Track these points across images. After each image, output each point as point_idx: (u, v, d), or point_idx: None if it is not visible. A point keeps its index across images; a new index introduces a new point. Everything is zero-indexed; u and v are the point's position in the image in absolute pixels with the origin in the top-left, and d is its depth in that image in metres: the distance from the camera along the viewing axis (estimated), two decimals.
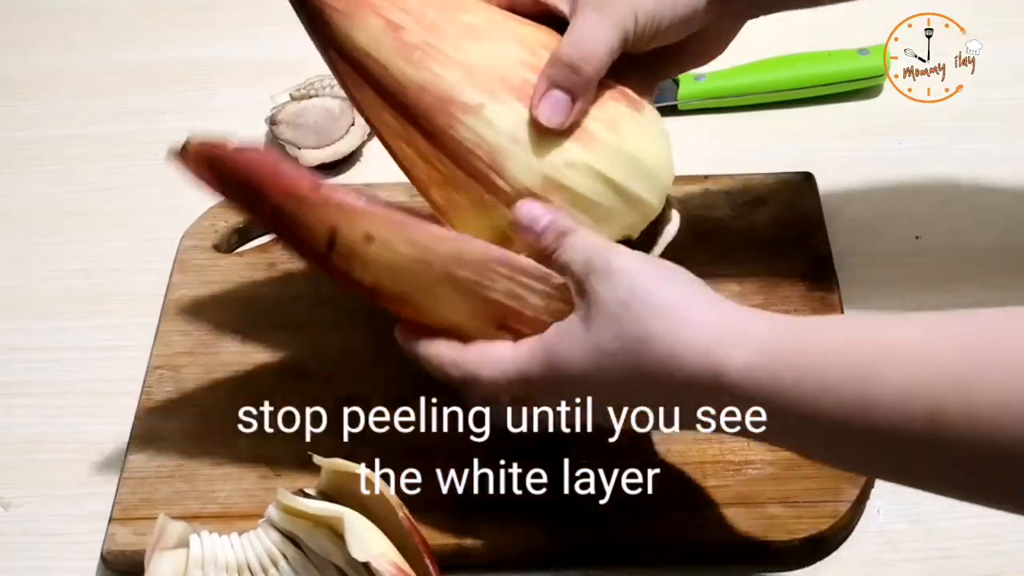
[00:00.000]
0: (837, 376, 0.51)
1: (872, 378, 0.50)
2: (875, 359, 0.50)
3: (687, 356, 0.53)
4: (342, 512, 0.56)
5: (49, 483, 0.69)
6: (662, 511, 0.64)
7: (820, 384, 0.51)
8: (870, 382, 0.50)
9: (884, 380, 0.49)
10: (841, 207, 0.79)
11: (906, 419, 0.49)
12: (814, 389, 0.51)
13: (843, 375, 0.51)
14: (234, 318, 0.74)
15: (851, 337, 0.52)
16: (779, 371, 0.52)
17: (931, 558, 0.63)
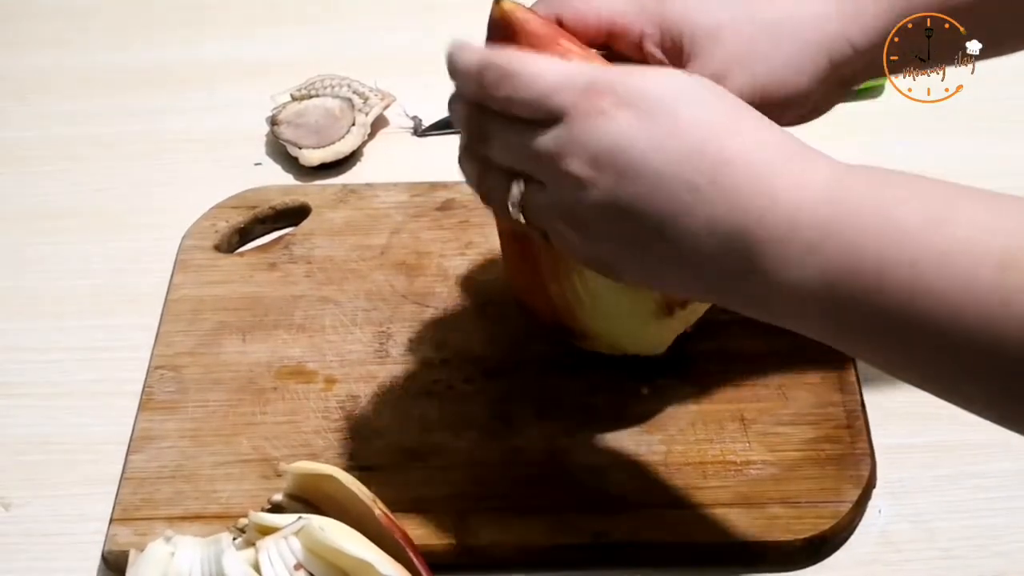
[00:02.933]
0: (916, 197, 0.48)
1: (951, 205, 0.48)
2: (951, 193, 0.48)
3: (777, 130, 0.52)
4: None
5: (50, 483, 0.69)
6: (662, 511, 0.64)
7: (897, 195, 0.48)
8: (949, 208, 0.47)
9: (961, 210, 0.47)
10: None
11: (982, 254, 0.46)
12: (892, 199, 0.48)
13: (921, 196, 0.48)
14: (235, 318, 0.74)
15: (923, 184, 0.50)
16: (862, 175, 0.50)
17: (932, 558, 0.63)
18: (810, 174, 0.50)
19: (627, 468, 0.66)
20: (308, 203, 0.81)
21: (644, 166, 0.51)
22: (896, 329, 0.48)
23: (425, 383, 0.70)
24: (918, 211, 0.48)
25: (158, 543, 0.56)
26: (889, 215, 0.48)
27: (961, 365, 0.48)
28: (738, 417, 0.68)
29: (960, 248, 0.47)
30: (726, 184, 0.50)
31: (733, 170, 0.50)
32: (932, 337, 0.48)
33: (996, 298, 0.46)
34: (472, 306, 0.74)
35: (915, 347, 0.49)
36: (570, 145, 0.52)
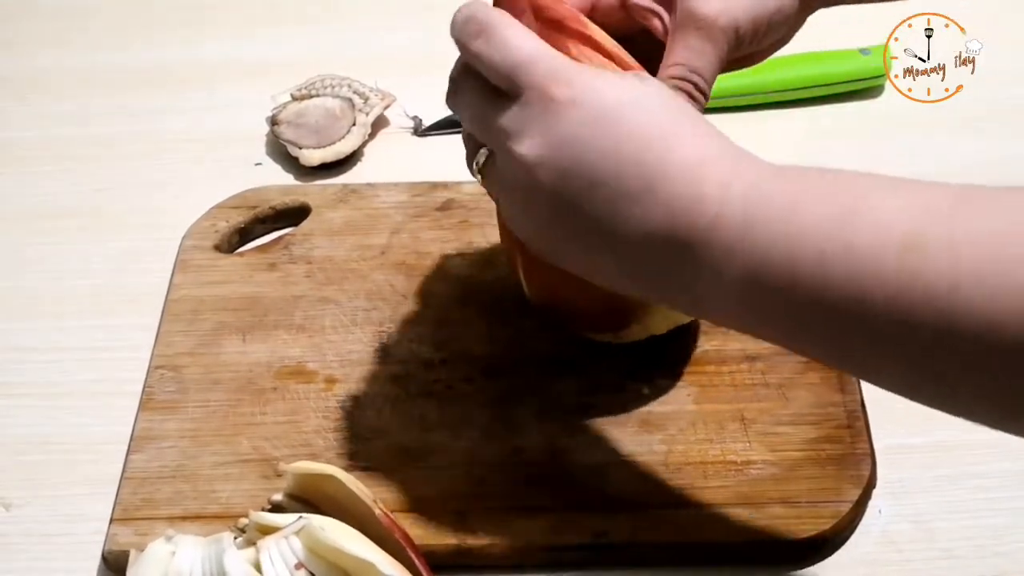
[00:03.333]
0: (825, 190, 0.50)
1: (859, 195, 0.49)
2: (865, 181, 0.50)
3: (719, 137, 0.53)
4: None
5: (50, 484, 0.69)
6: (662, 511, 0.64)
7: (807, 190, 0.50)
8: (857, 199, 0.49)
9: (869, 199, 0.49)
10: None
11: (883, 241, 0.47)
12: (801, 193, 0.50)
13: (830, 188, 0.50)
14: (235, 318, 0.74)
15: (843, 172, 0.51)
16: (779, 173, 0.51)
17: (932, 558, 0.63)
18: (737, 177, 0.51)
19: (627, 468, 0.66)
20: (308, 203, 0.81)
21: (585, 165, 0.53)
22: (812, 322, 0.50)
23: (425, 383, 0.71)
24: (828, 206, 0.49)
25: (159, 542, 0.56)
26: (799, 212, 0.50)
27: (876, 350, 0.49)
28: (738, 417, 0.68)
29: (865, 237, 0.48)
30: (661, 191, 0.52)
31: (669, 178, 0.52)
32: (845, 326, 0.49)
33: (900, 281, 0.47)
34: (472, 306, 0.74)
35: (832, 337, 0.50)
36: (521, 125, 0.54)
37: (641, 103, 0.54)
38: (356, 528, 0.56)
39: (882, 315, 0.48)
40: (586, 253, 0.55)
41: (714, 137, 0.54)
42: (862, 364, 0.52)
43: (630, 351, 0.70)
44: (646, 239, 0.52)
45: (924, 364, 0.48)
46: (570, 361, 0.71)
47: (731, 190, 0.51)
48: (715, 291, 0.52)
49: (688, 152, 0.52)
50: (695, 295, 0.53)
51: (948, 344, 0.47)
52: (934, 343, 0.47)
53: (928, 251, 0.47)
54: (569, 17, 0.60)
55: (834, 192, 0.50)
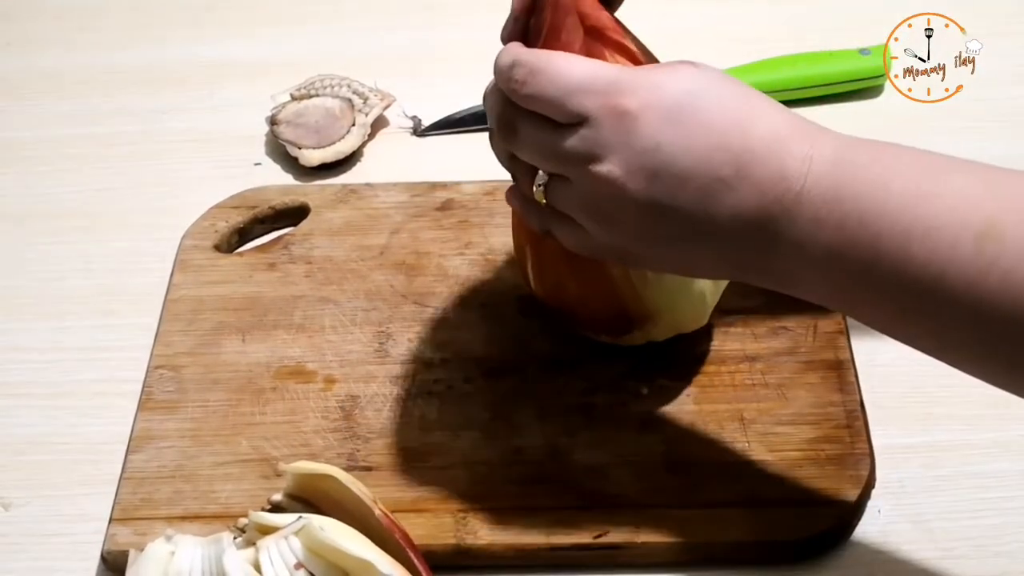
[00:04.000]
0: (909, 168, 0.51)
1: (940, 179, 0.50)
2: (945, 166, 0.51)
3: (788, 113, 0.54)
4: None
5: (49, 483, 0.69)
6: (662, 511, 0.64)
7: (893, 167, 0.51)
8: (938, 183, 0.50)
9: (951, 182, 0.50)
10: None
11: (962, 226, 0.49)
12: (887, 171, 0.51)
13: (914, 167, 0.51)
14: (235, 318, 0.74)
15: (915, 153, 0.53)
16: (862, 149, 0.53)
17: (932, 558, 0.63)
18: (817, 150, 0.53)
19: (627, 468, 0.66)
20: (308, 203, 0.81)
21: (674, 165, 0.54)
22: (893, 298, 0.52)
23: (425, 383, 0.71)
24: (911, 182, 0.51)
25: (158, 542, 0.56)
26: (885, 187, 0.51)
27: (952, 332, 0.51)
28: (738, 417, 0.68)
29: (944, 219, 0.50)
30: (749, 172, 0.53)
31: (753, 158, 0.53)
32: (924, 305, 0.51)
33: (975, 268, 0.49)
34: (472, 306, 0.74)
35: (909, 313, 0.52)
36: (599, 147, 0.55)
37: (707, 91, 0.54)
38: (356, 528, 0.56)
39: (959, 298, 0.49)
40: (683, 251, 0.56)
41: (783, 112, 0.55)
42: (938, 344, 0.53)
43: (630, 352, 0.70)
44: (742, 222, 0.54)
45: (1000, 349, 0.50)
46: (570, 361, 0.71)
47: (814, 164, 0.52)
48: (802, 265, 0.53)
49: (766, 129, 0.53)
50: (782, 270, 0.54)
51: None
52: (1009, 329, 0.49)
53: (1006, 240, 0.48)
54: (610, 27, 0.60)
55: (916, 170, 0.51)
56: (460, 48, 0.93)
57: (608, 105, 0.54)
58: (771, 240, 0.53)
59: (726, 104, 0.54)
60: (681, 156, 0.53)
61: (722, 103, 0.54)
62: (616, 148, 0.54)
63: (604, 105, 0.54)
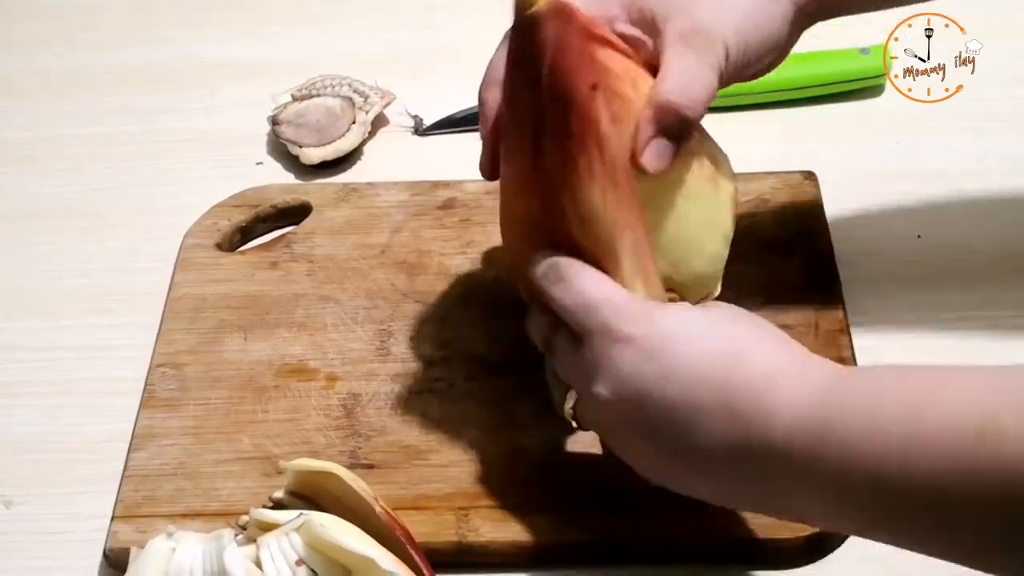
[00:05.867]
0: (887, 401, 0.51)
1: (921, 401, 0.50)
2: (927, 385, 0.51)
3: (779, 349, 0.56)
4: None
5: (51, 482, 0.69)
6: (662, 511, 0.64)
7: (869, 411, 0.51)
8: (920, 405, 0.50)
9: (940, 391, 0.50)
10: (842, 206, 0.79)
11: (955, 428, 0.48)
12: (877, 399, 0.51)
13: (893, 400, 0.51)
14: (236, 317, 0.74)
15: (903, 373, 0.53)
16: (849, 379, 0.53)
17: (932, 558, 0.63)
18: (806, 386, 0.53)
19: (627, 468, 0.66)
20: (309, 202, 0.81)
21: (658, 393, 0.55)
22: (896, 515, 0.52)
23: (426, 381, 0.71)
24: (901, 406, 0.50)
25: (159, 539, 0.56)
26: (875, 416, 0.51)
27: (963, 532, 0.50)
28: None
29: (940, 428, 0.49)
30: (733, 408, 0.54)
31: (735, 395, 0.54)
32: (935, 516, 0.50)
33: (978, 463, 0.48)
34: (473, 304, 0.74)
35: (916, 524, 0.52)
36: (593, 368, 0.58)
37: (701, 329, 0.57)
38: (357, 525, 0.56)
39: (965, 498, 0.48)
40: (683, 475, 0.58)
41: (780, 350, 0.56)
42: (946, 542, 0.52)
43: None
44: (719, 450, 0.55)
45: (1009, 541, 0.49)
46: None
47: (801, 403, 0.53)
48: (799, 496, 0.54)
49: (753, 370, 0.54)
50: (780, 502, 0.55)
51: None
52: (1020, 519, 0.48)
53: (1006, 431, 0.47)
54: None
55: (905, 389, 0.51)
56: (461, 47, 0.93)
57: (605, 328, 0.57)
58: (762, 474, 0.54)
59: (715, 345, 0.56)
60: (664, 385, 0.55)
61: (711, 344, 0.56)
62: (604, 371, 0.57)
63: (602, 327, 0.57)
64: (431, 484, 0.66)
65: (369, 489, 0.58)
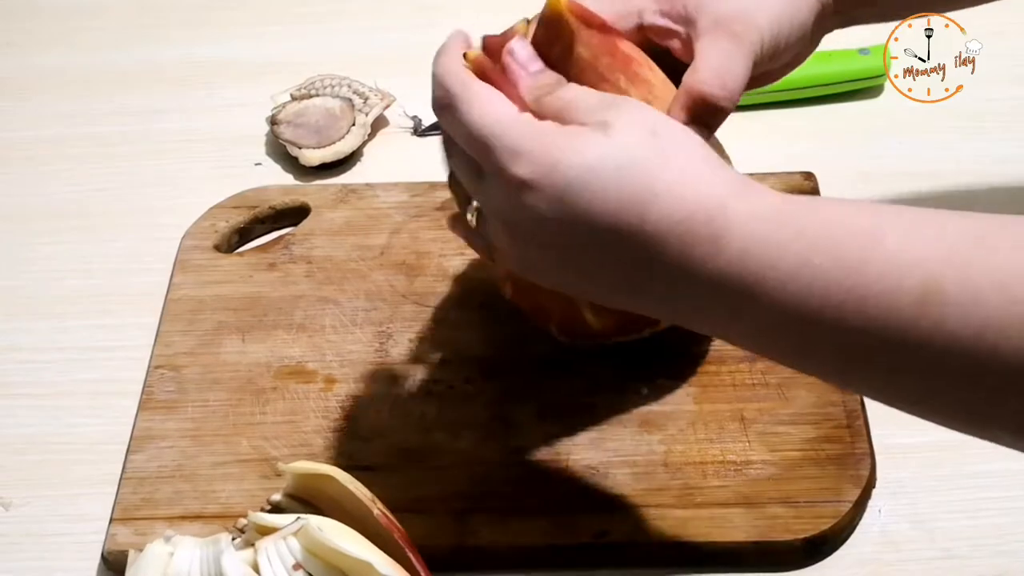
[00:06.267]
0: (835, 237, 0.48)
1: (869, 245, 0.47)
2: (878, 224, 0.48)
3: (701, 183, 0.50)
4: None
5: (50, 483, 0.69)
6: (662, 511, 0.64)
7: (816, 242, 0.48)
8: (866, 249, 0.47)
9: (881, 246, 0.47)
10: None
11: (899, 296, 0.46)
12: (809, 247, 0.48)
13: (841, 236, 0.48)
14: (235, 318, 0.74)
15: (859, 209, 0.50)
16: (775, 228, 0.49)
17: (932, 558, 0.63)
18: (727, 233, 0.50)
19: (627, 468, 0.66)
20: (308, 203, 0.81)
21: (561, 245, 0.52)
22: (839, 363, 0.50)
23: (425, 383, 0.71)
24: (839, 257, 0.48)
25: (157, 543, 0.56)
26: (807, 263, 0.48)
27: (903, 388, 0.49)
28: (738, 417, 0.68)
29: (879, 289, 0.47)
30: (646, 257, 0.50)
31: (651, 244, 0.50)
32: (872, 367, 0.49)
33: (920, 331, 0.46)
34: (472, 306, 0.74)
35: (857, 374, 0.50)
36: (494, 204, 0.54)
37: (607, 175, 0.50)
38: (355, 528, 0.56)
39: (907, 360, 0.47)
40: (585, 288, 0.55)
41: (697, 182, 0.50)
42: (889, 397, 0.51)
43: (630, 351, 0.69)
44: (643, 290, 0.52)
45: (953, 400, 0.48)
46: (570, 361, 0.71)
47: (723, 249, 0.49)
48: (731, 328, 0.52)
49: (663, 213, 0.50)
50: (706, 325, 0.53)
51: (977, 383, 0.46)
52: (962, 383, 0.47)
53: (948, 300, 0.46)
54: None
55: (844, 236, 0.48)
56: None
57: (504, 170, 0.52)
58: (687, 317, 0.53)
59: (621, 188, 0.50)
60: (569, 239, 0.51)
61: (618, 186, 0.50)
62: (505, 212, 0.53)
63: (501, 168, 0.52)
64: (429, 486, 0.66)
65: (367, 491, 0.59)
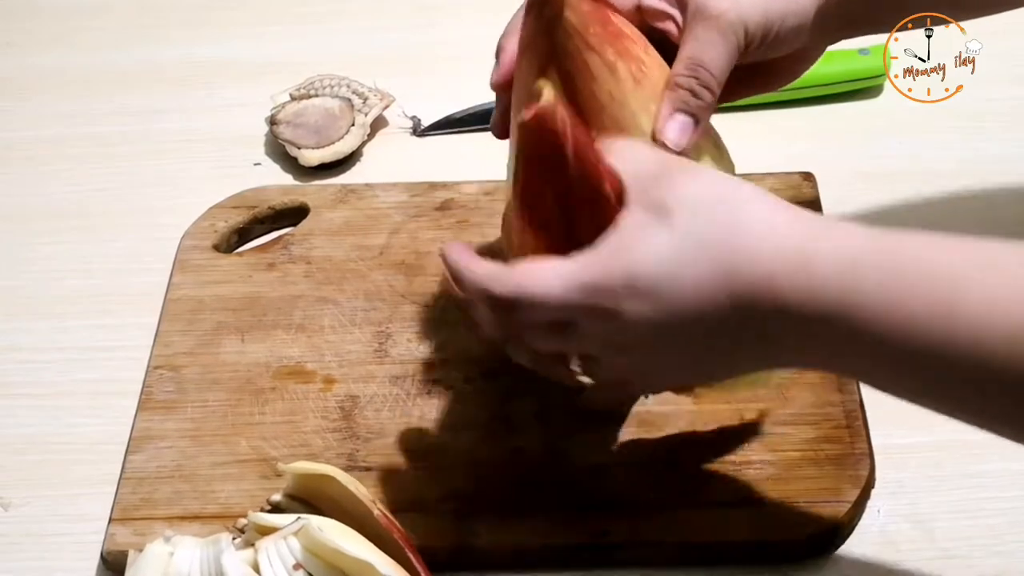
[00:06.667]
0: (921, 286, 0.50)
1: (958, 291, 0.49)
2: (963, 272, 0.50)
3: (779, 241, 0.52)
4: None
5: (49, 483, 0.69)
6: (662, 511, 0.64)
7: (903, 289, 0.50)
8: (955, 294, 0.49)
9: (970, 294, 0.49)
10: (841, 207, 0.79)
11: (988, 337, 0.48)
12: (896, 293, 0.50)
13: (927, 287, 0.50)
14: (234, 318, 0.74)
15: (939, 252, 0.51)
16: (865, 271, 0.51)
17: (931, 558, 0.63)
18: (818, 280, 0.51)
19: (627, 468, 0.66)
20: (307, 203, 0.81)
21: (657, 343, 0.54)
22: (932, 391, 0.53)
23: (424, 383, 0.70)
24: (929, 303, 0.50)
25: (157, 543, 0.56)
26: (901, 308, 0.50)
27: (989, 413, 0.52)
28: (738, 417, 0.68)
29: (971, 329, 0.49)
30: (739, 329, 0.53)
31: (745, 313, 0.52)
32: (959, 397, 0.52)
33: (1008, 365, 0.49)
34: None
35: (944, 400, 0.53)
36: (598, 343, 0.55)
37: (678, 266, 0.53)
38: (355, 528, 0.56)
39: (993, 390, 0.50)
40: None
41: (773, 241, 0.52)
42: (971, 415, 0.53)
43: None
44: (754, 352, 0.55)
45: None
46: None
47: (816, 299, 0.51)
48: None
49: (748, 280, 0.52)
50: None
51: None
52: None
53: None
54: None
55: (932, 285, 0.50)
56: (460, 48, 0.93)
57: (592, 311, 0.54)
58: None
59: (700, 273, 0.52)
60: (663, 332, 0.54)
61: (696, 277, 0.52)
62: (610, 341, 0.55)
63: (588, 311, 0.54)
64: (429, 486, 0.66)
65: (367, 492, 0.59)
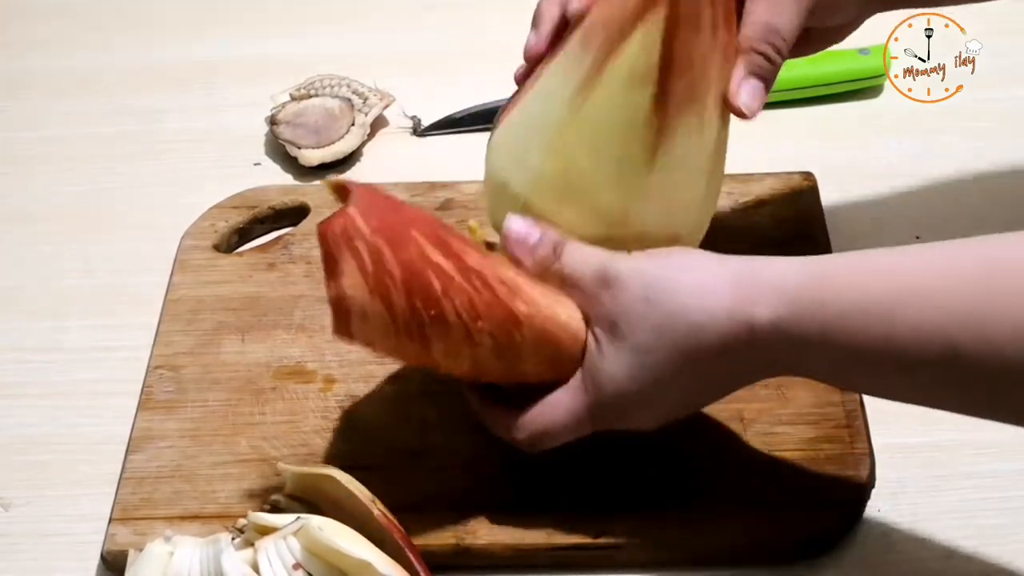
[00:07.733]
0: (858, 325, 0.54)
1: (890, 322, 0.53)
2: (892, 304, 0.53)
3: (718, 323, 0.56)
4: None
5: (49, 483, 0.69)
6: (662, 511, 0.64)
7: (844, 334, 0.54)
8: (891, 325, 0.53)
9: (903, 322, 0.53)
10: (841, 207, 0.79)
11: (924, 357, 0.53)
12: (840, 338, 0.54)
13: (864, 322, 0.54)
14: (234, 318, 0.74)
15: (867, 283, 0.55)
16: (805, 325, 0.55)
17: (932, 558, 0.63)
18: (760, 343, 0.56)
19: (627, 468, 0.66)
20: (307, 203, 0.81)
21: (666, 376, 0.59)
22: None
23: (424, 383, 0.70)
24: (873, 322, 0.54)
25: (157, 543, 0.56)
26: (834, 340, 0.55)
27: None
28: (738, 417, 0.68)
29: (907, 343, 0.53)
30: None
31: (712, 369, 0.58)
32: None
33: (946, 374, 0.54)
34: None
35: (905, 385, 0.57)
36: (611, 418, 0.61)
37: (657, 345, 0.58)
38: (354, 528, 0.56)
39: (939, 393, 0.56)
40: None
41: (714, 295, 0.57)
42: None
43: None
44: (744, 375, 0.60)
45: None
46: None
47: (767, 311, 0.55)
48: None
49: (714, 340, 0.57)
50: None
51: None
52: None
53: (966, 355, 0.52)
54: None
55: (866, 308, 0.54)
56: (460, 48, 0.93)
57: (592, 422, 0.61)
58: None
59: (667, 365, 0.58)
60: (647, 368, 0.58)
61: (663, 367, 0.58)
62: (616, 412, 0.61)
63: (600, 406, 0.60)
64: (429, 486, 0.66)
65: (367, 492, 0.59)
